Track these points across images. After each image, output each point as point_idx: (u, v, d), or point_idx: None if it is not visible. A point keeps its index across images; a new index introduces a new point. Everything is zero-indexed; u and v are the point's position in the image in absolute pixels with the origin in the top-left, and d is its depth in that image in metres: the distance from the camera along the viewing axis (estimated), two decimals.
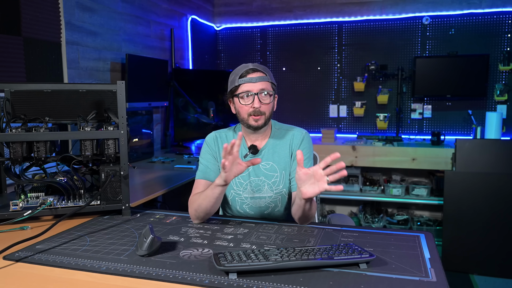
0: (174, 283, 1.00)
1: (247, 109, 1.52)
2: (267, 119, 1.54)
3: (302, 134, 1.62)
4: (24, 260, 1.15)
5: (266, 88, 1.51)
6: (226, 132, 1.67)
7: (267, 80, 1.52)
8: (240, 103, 1.53)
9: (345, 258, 1.07)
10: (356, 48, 4.02)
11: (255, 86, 1.50)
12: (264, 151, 1.61)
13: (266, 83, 1.52)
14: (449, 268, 3.02)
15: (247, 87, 1.50)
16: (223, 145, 1.61)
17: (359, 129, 4.09)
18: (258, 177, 1.59)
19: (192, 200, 1.48)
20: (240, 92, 1.51)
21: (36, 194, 1.54)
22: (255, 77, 1.50)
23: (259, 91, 1.50)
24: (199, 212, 1.44)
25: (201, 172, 1.59)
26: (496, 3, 3.58)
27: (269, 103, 1.52)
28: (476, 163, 3.05)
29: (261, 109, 1.51)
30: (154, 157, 3.07)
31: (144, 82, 3.06)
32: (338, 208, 4.02)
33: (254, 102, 1.50)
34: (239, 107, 1.54)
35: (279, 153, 1.60)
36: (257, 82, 1.50)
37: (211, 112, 3.52)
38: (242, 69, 1.53)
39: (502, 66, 3.58)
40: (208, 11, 4.30)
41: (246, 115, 1.52)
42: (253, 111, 1.50)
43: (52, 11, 2.28)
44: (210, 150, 1.62)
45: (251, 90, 1.50)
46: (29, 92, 1.60)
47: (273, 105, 1.57)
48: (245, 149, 1.61)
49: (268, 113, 1.53)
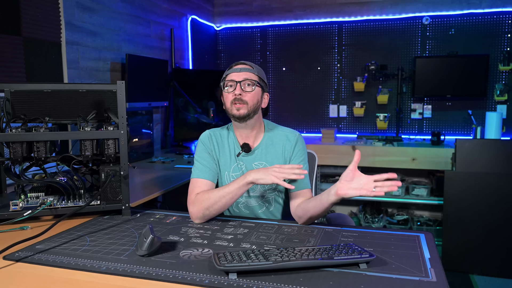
0: (174, 283, 1.00)
1: (230, 97, 1.54)
2: (250, 110, 1.54)
3: (296, 136, 1.63)
4: (24, 260, 1.15)
5: (250, 78, 1.55)
6: (220, 131, 1.68)
7: (252, 72, 1.56)
8: (225, 92, 1.57)
9: (345, 258, 1.07)
10: (356, 48, 4.02)
11: (238, 75, 1.54)
12: (257, 150, 1.61)
13: (250, 74, 1.55)
14: (449, 268, 3.02)
15: (232, 77, 1.55)
16: (217, 145, 1.63)
17: (359, 129, 4.09)
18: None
19: (200, 199, 1.46)
20: (226, 81, 1.56)
21: (36, 194, 1.54)
22: (239, 68, 1.56)
23: (242, 79, 1.53)
24: (212, 210, 1.45)
25: (200, 171, 1.58)
26: (496, 3, 3.57)
27: (251, 91, 1.54)
28: (476, 163, 3.05)
29: (243, 98, 1.52)
30: (154, 157, 3.07)
31: (144, 82, 3.06)
32: (338, 208, 4.02)
33: (236, 89, 1.53)
34: (224, 97, 1.58)
35: (271, 154, 1.61)
36: (241, 72, 1.55)
37: (211, 112, 3.52)
38: (232, 65, 1.60)
39: (502, 66, 3.58)
40: (208, 11, 4.30)
41: (230, 103, 1.55)
42: (235, 98, 1.52)
43: (52, 11, 2.28)
44: (206, 148, 1.62)
45: (235, 78, 1.54)
46: (29, 92, 1.60)
47: (258, 98, 1.57)
48: (237, 148, 1.62)
49: (251, 103, 1.53)
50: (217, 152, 1.63)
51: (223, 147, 1.64)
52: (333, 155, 3.49)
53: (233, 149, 1.63)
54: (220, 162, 1.62)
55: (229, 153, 1.63)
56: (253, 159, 1.61)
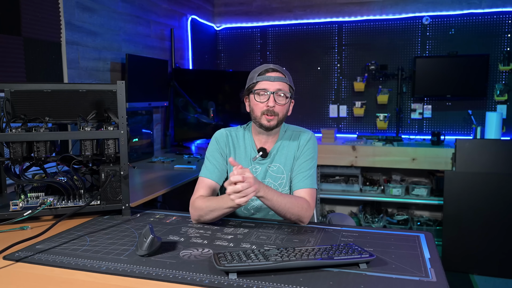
0: (174, 283, 1.00)
1: (262, 107, 1.51)
2: (279, 121, 1.53)
3: (309, 135, 1.61)
4: (24, 260, 1.15)
5: (283, 89, 1.51)
6: (237, 131, 1.65)
7: (285, 82, 1.52)
8: (255, 100, 1.52)
9: (345, 258, 1.07)
10: (356, 48, 4.02)
11: (272, 85, 1.50)
12: (273, 153, 1.60)
13: (284, 84, 1.52)
14: (449, 268, 3.02)
15: (265, 85, 1.50)
16: (233, 146, 1.60)
17: (359, 129, 4.09)
18: (264, 179, 1.59)
19: (197, 205, 1.45)
20: (257, 89, 1.51)
21: (36, 194, 1.54)
22: (273, 76, 1.51)
23: (275, 90, 1.50)
24: (206, 218, 1.43)
25: (208, 170, 1.57)
26: (496, 3, 3.57)
27: (284, 104, 1.52)
28: (476, 163, 3.05)
29: (275, 109, 1.50)
30: (154, 157, 3.07)
31: (144, 82, 3.06)
32: (338, 208, 4.02)
33: (269, 100, 1.49)
34: (254, 104, 1.54)
35: (286, 155, 1.59)
36: (275, 81, 1.50)
37: (211, 112, 3.52)
38: (262, 68, 1.54)
39: (502, 66, 3.58)
40: (208, 11, 4.30)
41: (260, 113, 1.52)
42: (267, 110, 1.49)
43: (52, 11, 2.28)
44: (219, 148, 1.60)
45: (268, 88, 1.50)
46: (29, 92, 1.60)
47: (287, 108, 1.56)
48: (254, 152, 1.60)
49: (281, 115, 1.53)
50: (232, 153, 1.60)
51: (238, 148, 1.62)
52: (333, 155, 3.49)
53: (249, 152, 1.61)
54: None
55: (245, 155, 1.61)
56: (268, 162, 1.59)
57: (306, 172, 1.54)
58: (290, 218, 1.43)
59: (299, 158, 1.57)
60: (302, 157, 1.57)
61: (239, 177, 1.24)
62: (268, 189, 1.36)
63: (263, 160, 1.59)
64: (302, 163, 1.56)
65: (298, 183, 1.53)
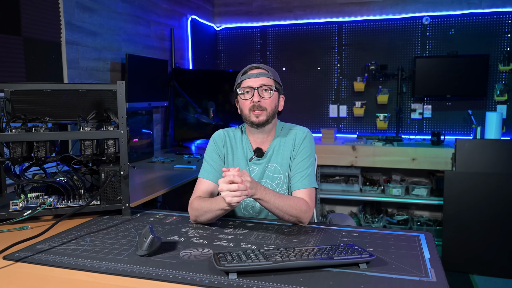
0: (174, 283, 1.00)
1: (248, 104, 1.52)
2: (269, 116, 1.53)
3: (305, 133, 1.61)
4: (24, 260, 1.15)
5: (267, 83, 1.53)
6: (234, 132, 1.66)
7: (268, 77, 1.54)
8: (242, 99, 1.55)
9: (345, 258, 1.07)
10: (356, 48, 4.02)
11: (255, 81, 1.52)
12: (269, 153, 1.60)
13: (267, 79, 1.53)
14: (449, 268, 3.02)
15: (248, 83, 1.53)
16: (231, 147, 1.61)
17: (359, 129, 4.09)
18: (261, 179, 1.59)
19: (195, 206, 1.45)
20: (242, 87, 1.54)
21: (36, 194, 1.54)
22: (255, 73, 1.53)
23: (259, 85, 1.52)
24: (202, 218, 1.44)
25: (206, 171, 1.58)
26: (496, 3, 3.57)
27: (269, 97, 1.53)
28: (476, 163, 3.05)
29: (262, 104, 1.51)
30: (154, 157, 3.07)
31: (144, 82, 3.06)
32: (338, 208, 4.02)
33: (254, 96, 1.51)
34: (241, 103, 1.56)
35: (282, 154, 1.59)
36: (257, 77, 1.53)
37: (211, 112, 3.52)
38: (246, 68, 1.57)
39: (502, 66, 3.58)
40: (208, 11, 4.30)
41: (248, 110, 1.53)
42: (253, 105, 1.51)
43: (52, 11, 2.28)
44: (217, 149, 1.61)
45: (252, 85, 1.52)
46: (29, 92, 1.60)
47: (276, 103, 1.57)
48: (250, 152, 1.60)
49: (270, 109, 1.53)
50: (230, 154, 1.61)
51: (236, 149, 1.63)
52: (333, 155, 3.49)
53: (246, 152, 1.61)
54: (234, 163, 1.61)
55: (243, 156, 1.61)
56: (265, 162, 1.60)
57: (304, 171, 1.54)
58: (289, 220, 1.43)
59: (296, 158, 1.57)
60: (299, 156, 1.57)
61: (238, 178, 1.25)
62: (266, 191, 1.36)
63: (259, 161, 1.60)
64: (299, 163, 1.55)
65: (296, 183, 1.53)
